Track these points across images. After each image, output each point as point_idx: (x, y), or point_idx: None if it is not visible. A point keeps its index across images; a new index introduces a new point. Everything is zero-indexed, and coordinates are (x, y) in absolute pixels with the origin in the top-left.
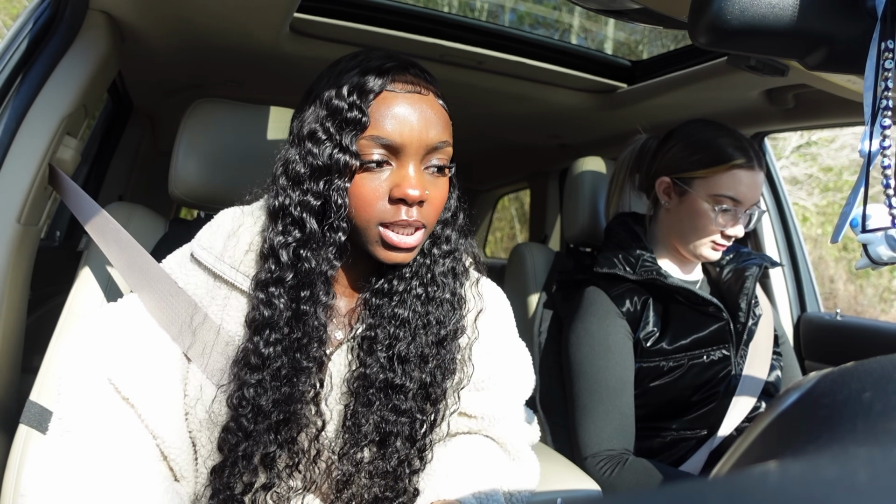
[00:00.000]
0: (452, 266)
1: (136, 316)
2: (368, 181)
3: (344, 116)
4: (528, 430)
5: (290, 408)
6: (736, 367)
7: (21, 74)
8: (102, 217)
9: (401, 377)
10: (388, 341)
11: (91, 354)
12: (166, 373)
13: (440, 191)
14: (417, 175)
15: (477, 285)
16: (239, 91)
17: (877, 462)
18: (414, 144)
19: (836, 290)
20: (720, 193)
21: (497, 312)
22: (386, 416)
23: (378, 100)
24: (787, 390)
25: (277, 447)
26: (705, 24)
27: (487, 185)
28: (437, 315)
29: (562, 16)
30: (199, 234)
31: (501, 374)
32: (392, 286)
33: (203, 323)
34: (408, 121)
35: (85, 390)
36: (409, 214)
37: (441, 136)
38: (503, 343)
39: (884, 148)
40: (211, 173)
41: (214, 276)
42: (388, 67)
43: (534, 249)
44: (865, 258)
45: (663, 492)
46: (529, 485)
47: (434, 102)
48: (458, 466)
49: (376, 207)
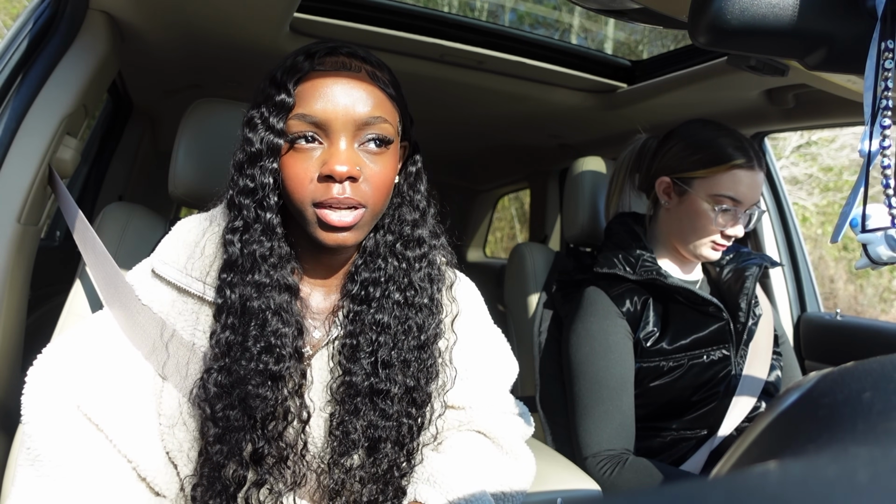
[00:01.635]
0: (428, 271)
1: (107, 334)
2: (299, 161)
3: (273, 100)
4: (520, 424)
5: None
6: (736, 367)
7: (21, 74)
8: (84, 225)
9: (385, 382)
10: (371, 347)
11: (59, 377)
12: (137, 395)
13: (379, 168)
14: (347, 151)
15: (451, 289)
16: (239, 91)
17: (877, 462)
18: (339, 119)
19: (836, 290)
20: (720, 193)
21: (472, 307)
22: (374, 422)
23: (305, 80)
24: (787, 390)
25: (266, 443)
26: (705, 24)
27: (487, 185)
28: (417, 320)
29: (562, 16)
30: (158, 247)
31: (480, 362)
32: (368, 293)
33: (172, 339)
34: (332, 96)
35: (53, 416)
36: (341, 192)
37: (371, 111)
38: (478, 331)
39: (884, 148)
40: (211, 173)
41: (179, 291)
42: (316, 50)
43: (534, 249)
44: (865, 258)
45: (663, 492)
46: (524, 480)
47: (365, 79)
48: (447, 468)
49: (308, 187)
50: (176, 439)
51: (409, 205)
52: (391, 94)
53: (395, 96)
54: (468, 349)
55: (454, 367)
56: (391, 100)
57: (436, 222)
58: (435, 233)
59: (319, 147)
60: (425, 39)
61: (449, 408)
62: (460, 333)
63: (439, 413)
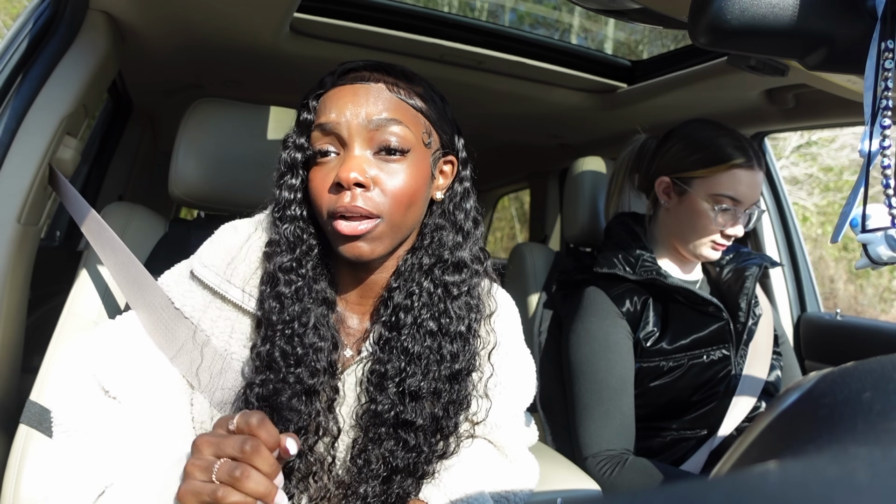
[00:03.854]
0: (467, 299)
1: (133, 335)
2: (319, 173)
3: (299, 119)
4: (525, 433)
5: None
6: (736, 366)
7: (21, 74)
8: (98, 223)
9: (411, 413)
10: (399, 376)
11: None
12: (168, 391)
13: (395, 176)
14: (359, 158)
15: (489, 319)
16: (239, 91)
17: (877, 462)
18: (352, 124)
19: (836, 290)
20: (720, 193)
21: (510, 331)
22: (394, 452)
23: (326, 95)
24: (787, 390)
25: (297, 456)
26: (705, 24)
27: (487, 185)
28: (451, 349)
29: (562, 16)
30: (200, 249)
31: (507, 383)
32: (399, 318)
33: (207, 345)
34: (344, 103)
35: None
36: (353, 199)
37: (382, 111)
38: (511, 358)
39: (884, 148)
40: (211, 173)
41: (215, 295)
42: (343, 68)
43: (534, 249)
44: (865, 258)
45: (663, 492)
46: (527, 486)
47: (380, 88)
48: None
49: (324, 198)
50: None
51: (451, 226)
52: (412, 103)
53: (421, 107)
54: (499, 374)
55: (489, 399)
56: (412, 108)
57: (480, 247)
58: (478, 257)
59: (337, 158)
60: (425, 39)
61: (468, 422)
62: (496, 363)
63: (463, 439)
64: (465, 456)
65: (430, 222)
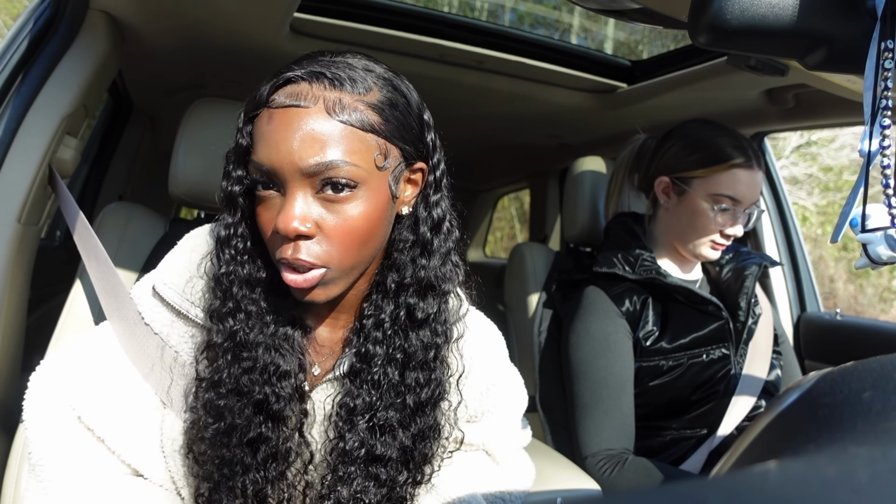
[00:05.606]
0: (434, 326)
1: (107, 349)
2: (264, 212)
3: (237, 140)
4: (519, 435)
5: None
6: (735, 366)
7: (21, 74)
8: (86, 229)
9: (381, 448)
10: (369, 412)
11: (60, 388)
12: (139, 409)
13: (342, 218)
14: (300, 203)
15: (457, 344)
16: (239, 91)
17: (877, 462)
18: (286, 169)
19: (836, 290)
20: (719, 193)
21: (487, 353)
22: (366, 488)
23: (258, 119)
24: (787, 390)
25: (268, 484)
26: (705, 24)
27: (487, 185)
28: (418, 377)
29: (562, 16)
30: (161, 263)
31: (496, 406)
32: (369, 351)
33: (175, 363)
34: (275, 142)
35: (52, 426)
36: (295, 251)
37: (318, 151)
38: (497, 379)
39: (883, 148)
40: (211, 173)
41: (179, 315)
42: (282, 75)
43: (534, 249)
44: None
45: (663, 492)
46: (520, 490)
47: (318, 113)
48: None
49: (270, 240)
50: (177, 464)
51: (416, 242)
52: (360, 123)
53: (372, 124)
54: (487, 394)
55: (460, 429)
56: (360, 131)
57: (455, 262)
58: (447, 276)
59: (277, 196)
60: (425, 39)
61: (464, 444)
62: (474, 384)
63: (437, 469)
64: (457, 461)
65: (396, 237)
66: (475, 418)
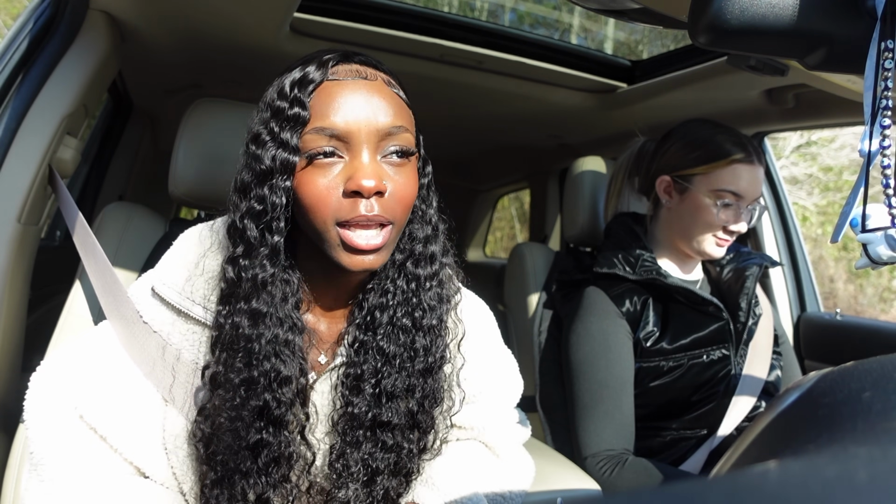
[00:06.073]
0: (438, 291)
1: (108, 347)
2: (319, 177)
3: (285, 114)
4: (517, 430)
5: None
6: (736, 366)
7: (21, 74)
8: (84, 229)
9: (387, 414)
10: (375, 377)
11: (61, 388)
12: (141, 408)
13: (404, 181)
14: (372, 164)
15: (456, 310)
16: (239, 91)
17: (877, 462)
18: (363, 131)
19: (836, 290)
20: (721, 188)
21: (481, 327)
22: (374, 453)
23: (319, 90)
24: (787, 390)
25: (271, 489)
26: (705, 24)
27: (487, 185)
28: (424, 342)
29: (562, 16)
30: (160, 263)
31: (489, 385)
32: (375, 319)
33: (178, 362)
34: (352, 106)
35: (54, 425)
36: (369, 209)
37: (394, 120)
38: (490, 356)
39: (884, 148)
40: (211, 173)
41: (180, 313)
42: (327, 59)
43: (534, 249)
44: (865, 258)
45: (663, 492)
46: (520, 485)
47: (383, 87)
48: (445, 470)
49: (331, 204)
50: (179, 461)
51: (420, 220)
52: (406, 100)
53: (409, 103)
54: (477, 371)
55: (462, 390)
56: (406, 106)
57: (446, 238)
58: (446, 249)
59: (340, 161)
60: (425, 39)
61: (456, 427)
62: (468, 355)
63: (443, 436)
64: (457, 456)
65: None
66: (472, 398)
